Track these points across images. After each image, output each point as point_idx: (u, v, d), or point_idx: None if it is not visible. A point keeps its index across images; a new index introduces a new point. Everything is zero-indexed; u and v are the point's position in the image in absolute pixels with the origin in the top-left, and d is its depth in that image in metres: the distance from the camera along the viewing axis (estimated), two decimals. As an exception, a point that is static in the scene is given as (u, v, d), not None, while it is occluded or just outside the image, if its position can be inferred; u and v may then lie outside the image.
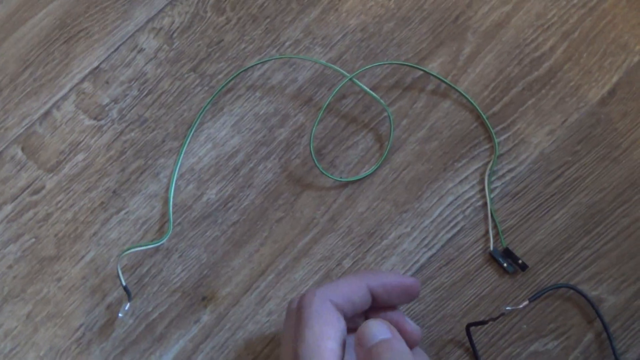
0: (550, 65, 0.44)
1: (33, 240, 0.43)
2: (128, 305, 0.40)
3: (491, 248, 0.41)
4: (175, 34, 0.46)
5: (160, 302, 0.42)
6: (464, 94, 0.43)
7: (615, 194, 0.42)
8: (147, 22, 0.46)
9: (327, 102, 0.42)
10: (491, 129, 0.43)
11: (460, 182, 0.43)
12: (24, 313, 0.42)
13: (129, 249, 0.40)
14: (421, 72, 0.44)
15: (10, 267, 0.43)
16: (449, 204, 0.42)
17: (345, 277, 0.33)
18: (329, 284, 0.33)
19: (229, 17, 0.46)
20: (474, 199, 0.42)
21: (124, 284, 0.39)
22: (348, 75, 0.43)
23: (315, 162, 0.42)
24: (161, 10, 0.46)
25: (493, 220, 0.42)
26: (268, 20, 0.46)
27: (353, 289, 0.33)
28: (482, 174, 0.43)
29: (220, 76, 0.45)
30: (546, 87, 0.44)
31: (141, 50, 0.46)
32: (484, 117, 0.43)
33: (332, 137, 0.44)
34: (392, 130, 0.43)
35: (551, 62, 0.44)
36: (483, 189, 0.42)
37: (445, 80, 0.44)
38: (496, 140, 0.43)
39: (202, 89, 0.45)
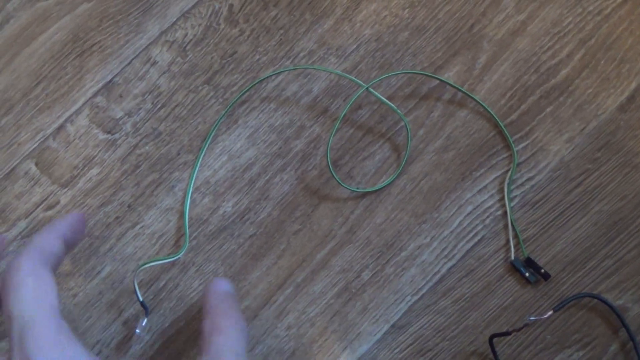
0: (567, 72, 0.45)
1: (48, 256, 0.43)
2: (145, 320, 0.40)
3: (512, 258, 0.42)
4: (188, 47, 0.47)
5: (178, 318, 0.42)
6: (480, 102, 0.44)
7: (637, 202, 0.42)
8: (160, 35, 0.47)
9: (344, 113, 0.43)
10: (509, 137, 0.43)
11: (479, 191, 0.43)
12: (40, 330, 0.42)
13: (145, 264, 0.40)
14: (437, 82, 0.45)
15: (24, 283, 0.43)
16: (468, 214, 0.43)
17: (37, 235, 0.34)
18: (27, 247, 0.32)
19: (243, 29, 0.47)
20: (493, 208, 0.43)
21: (140, 299, 0.40)
22: (364, 85, 0.44)
23: (333, 173, 0.42)
24: (174, 23, 0.47)
25: (514, 229, 0.42)
26: (281, 31, 0.47)
27: (52, 243, 0.33)
28: (501, 182, 0.43)
29: (234, 88, 0.46)
30: (564, 95, 0.44)
31: (154, 63, 0.47)
32: (501, 125, 0.44)
33: (349, 148, 0.44)
34: (409, 140, 0.44)
35: (568, 69, 0.45)
36: (502, 198, 0.43)
37: (461, 89, 0.44)
38: (514, 149, 0.43)
39: (216, 101, 0.46)
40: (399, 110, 0.44)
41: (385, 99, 0.44)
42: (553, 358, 0.40)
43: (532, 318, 0.40)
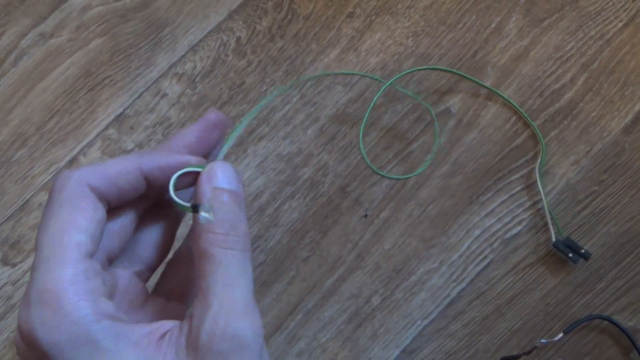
0: (571, 96, 0.48)
1: (61, 286, 0.46)
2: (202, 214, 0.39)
3: (553, 239, 0.44)
4: (197, 79, 0.50)
5: (189, 346, 0.44)
6: (508, 99, 0.47)
7: (645, 223, 0.45)
8: (170, 67, 0.51)
9: (371, 106, 0.46)
10: (534, 126, 0.46)
11: (487, 215, 0.46)
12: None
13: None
14: (443, 107, 0.48)
15: (38, 314, 0.46)
16: (476, 238, 0.45)
17: (120, 157, 0.29)
18: (93, 165, 0.29)
19: (250, 60, 0.50)
20: (501, 232, 0.45)
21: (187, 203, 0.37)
22: (384, 81, 0.47)
23: (366, 160, 0.45)
24: (183, 56, 0.51)
25: (550, 215, 0.44)
26: (288, 61, 0.50)
27: (120, 171, 0.29)
28: (509, 206, 0.46)
29: (243, 117, 0.49)
30: (568, 118, 0.47)
31: (164, 95, 0.50)
32: (533, 124, 0.47)
33: (356, 174, 0.47)
34: (436, 134, 0.47)
35: (572, 93, 0.48)
36: (510, 221, 0.45)
37: (493, 88, 0.47)
38: (542, 140, 0.46)
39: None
40: (424, 103, 0.47)
41: (409, 92, 0.47)
42: (565, 381, 0.42)
43: (542, 341, 0.42)
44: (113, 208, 0.30)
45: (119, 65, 0.51)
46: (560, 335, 0.42)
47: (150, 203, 0.33)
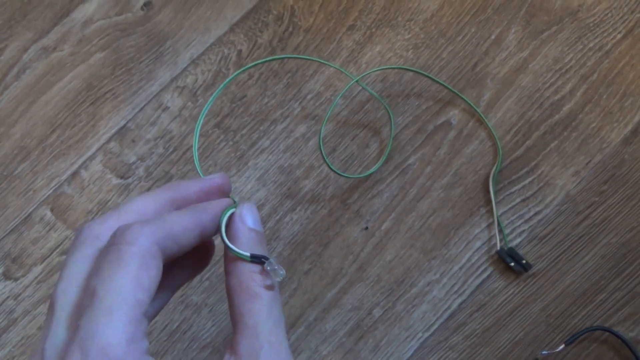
0: (570, 107, 0.49)
1: (63, 299, 0.47)
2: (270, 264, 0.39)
3: (498, 248, 0.45)
4: (198, 92, 0.51)
5: (191, 359, 0.45)
6: (490, 127, 0.48)
7: (645, 234, 0.45)
8: (171, 81, 0.52)
9: (330, 109, 0.47)
10: (491, 128, 0.47)
11: (488, 226, 0.47)
12: (56, 373, 0.46)
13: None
14: (443, 119, 0.49)
15: (40, 328, 0.47)
16: (477, 249, 0.46)
17: (179, 213, 0.29)
18: (159, 221, 0.28)
19: (251, 73, 0.52)
20: (502, 243, 0.46)
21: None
22: (354, 77, 0.48)
23: (326, 159, 0.46)
24: (185, 69, 0.52)
25: (498, 223, 0.46)
26: (289, 74, 0.51)
27: (184, 229, 0.29)
28: (509, 218, 0.47)
29: (244, 131, 0.50)
30: (568, 130, 0.48)
31: (166, 108, 0.51)
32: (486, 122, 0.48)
33: (357, 186, 0.48)
34: (392, 129, 0.48)
35: (571, 104, 0.49)
36: (510, 233, 0.46)
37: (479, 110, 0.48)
38: (499, 144, 0.47)
39: (226, 144, 0.50)
40: (382, 100, 0.48)
41: (372, 90, 0.49)
42: (567, 392, 0.43)
43: (544, 352, 0.43)
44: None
45: (121, 79, 0.52)
46: (562, 346, 0.43)
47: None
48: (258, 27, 0.52)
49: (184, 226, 0.29)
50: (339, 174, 0.46)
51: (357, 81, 0.48)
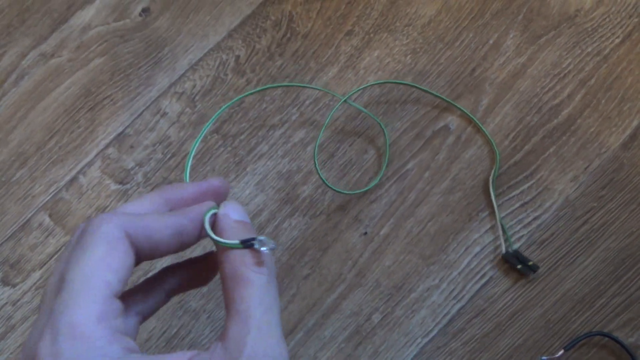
0: (569, 112, 0.49)
1: (61, 306, 0.47)
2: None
3: (503, 251, 0.46)
4: (197, 97, 0.52)
5: (190, 365, 0.45)
6: (487, 134, 0.48)
7: (644, 238, 0.46)
8: (170, 86, 0.52)
9: (325, 125, 0.47)
10: (491, 139, 0.47)
11: (486, 231, 0.47)
12: (54, 380, 0.46)
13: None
14: (442, 124, 0.49)
15: (38, 334, 0.47)
16: (476, 255, 0.46)
17: (160, 213, 0.30)
18: (132, 215, 0.29)
19: (249, 79, 0.52)
20: (501, 248, 0.46)
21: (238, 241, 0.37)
22: (342, 97, 0.48)
23: (319, 173, 0.46)
24: (183, 75, 0.52)
25: (502, 226, 0.46)
26: (287, 80, 0.51)
27: (161, 229, 0.29)
28: (508, 223, 0.47)
29: (242, 137, 0.50)
30: (566, 134, 0.48)
31: (164, 114, 0.51)
32: (486, 133, 0.48)
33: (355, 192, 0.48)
34: (387, 144, 0.48)
35: (570, 109, 0.49)
36: (509, 238, 0.46)
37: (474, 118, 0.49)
38: (497, 149, 0.47)
39: (224, 149, 0.50)
40: (376, 117, 0.48)
41: (363, 108, 0.49)
42: (566, 398, 0.43)
43: (543, 358, 0.43)
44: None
45: (119, 85, 0.52)
46: (561, 352, 0.43)
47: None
48: (256, 33, 0.53)
49: (160, 224, 0.29)
50: (334, 190, 0.46)
51: (345, 100, 0.48)
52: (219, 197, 0.33)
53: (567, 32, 0.51)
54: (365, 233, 0.47)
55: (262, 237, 0.29)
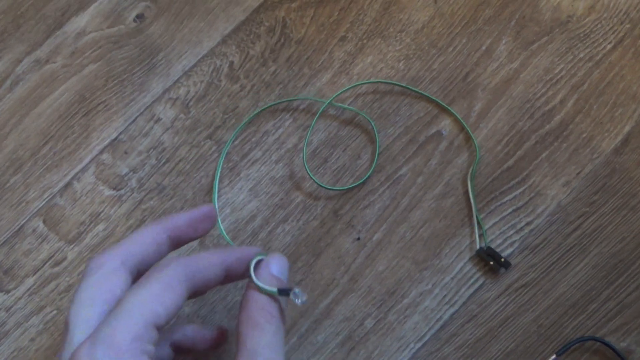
0: (561, 118, 0.49)
1: (55, 312, 0.48)
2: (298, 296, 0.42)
3: (477, 247, 0.46)
4: (191, 103, 0.52)
5: (183, 370, 0.46)
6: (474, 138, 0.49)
7: (637, 243, 0.46)
8: (164, 92, 0.52)
9: (311, 127, 0.48)
10: (469, 129, 0.48)
11: (480, 236, 0.47)
12: (47, 386, 0.46)
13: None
14: (435, 129, 0.50)
15: (32, 340, 0.47)
16: (468, 260, 0.47)
17: (202, 252, 0.36)
18: (190, 256, 0.34)
19: (243, 85, 0.52)
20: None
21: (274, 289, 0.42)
22: (324, 101, 0.48)
23: (309, 173, 0.46)
24: (177, 81, 0.53)
25: (478, 222, 0.47)
26: (281, 86, 0.52)
27: (213, 268, 0.35)
28: (501, 228, 0.47)
29: (236, 142, 0.51)
30: (559, 140, 0.49)
31: (158, 120, 0.52)
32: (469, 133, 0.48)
33: (349, 197, 0.49)
34: (377, 138, 0.48)
35: (562, 114, 0.49)
36: (502, 243, 0.47)
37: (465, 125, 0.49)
38: (476, 143, 0.47)
39: (218, 155, 0.50)
40: (361, 112, 0.49)
41: (350, 107, 0.50)
42: (559, 403, 0.43)
43: (535, 363, 0.43)
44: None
45: (113, 91, 0.53)
46: (553, 357, 0.43)
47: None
48: (250, 39, 0.53)
49: (206, 264, 0.35)
50: (324, 187, 0.47)
51: (330, 102, 0.49)
52: (208, 222, 0.38)
53: (559, 38, 0.51)
54: (358, 238, 0.48)
55: (297, 290, 0.35)
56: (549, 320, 0.45)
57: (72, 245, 0.49)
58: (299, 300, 0.34)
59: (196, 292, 0.35)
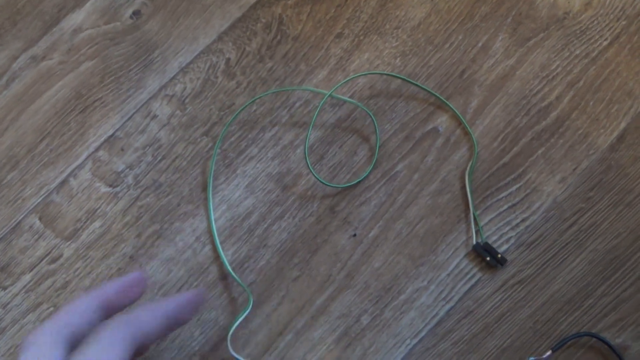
0: (557, 114, 0.49)
1: (52, 309, 0.48)
2: None
3: (474, 242, 0.46)
4: (187, 100, 0.52)
5: (179, 367, 0.46)
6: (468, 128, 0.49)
7: (632, 239, 0.46)
8: (160, 89, 0.52)
9: (312, 122, 0.48)
10: (468, 126, 0.48)
11: (476, 232, 0.47)
12: (44, 382, 0.46)
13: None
14: (431, 126, 0.50)
15: (28, 336, 0.47)
16: (464, 256, 0.47)
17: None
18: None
19: (240, 81, 0.52)
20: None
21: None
22: (326, 92, 0.49)
23: (311, 169, 0.47)
24: (173, 78, 0.53)
25: (474, 217, 0.47)
26: (277, 82, 0.52)
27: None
28: (497, 224, 0.47)
29: (232, 139, 0.51)
30: (555, 136, 0.49)
31: (155, 116, 0.52)
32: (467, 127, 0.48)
33: (345, 194, 0.49)
34: (377, 134, 0.48)
35: (558, 111, 0.49)
36: (498, 239, 0.47)
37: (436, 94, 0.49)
38: (475, 139, 0.48)
39: (214, 151, 0.50)
40: (362, 105, 0.49)
41: (350, 99, 0.50)
42: (554, 399, 0.43)
43: (531, 359, 0.43)
44: None
45: (110, 87, 0.53)
46: (549, 352, 0.43)
47: None
48: (246, 36, 0.53)
49: (152, 318, 0.35)
50: (325, 183, 0.47)
51: (330, 94, 0.49)
52: (139, 288, 0.38)
53: (555, 35, 0.51)
54: (355, 235, 0.48)
55: None
56: (544, 316, 0.45)
57: (69, 242, 0.49)
58: None
59: (140, 348, 0.35)
